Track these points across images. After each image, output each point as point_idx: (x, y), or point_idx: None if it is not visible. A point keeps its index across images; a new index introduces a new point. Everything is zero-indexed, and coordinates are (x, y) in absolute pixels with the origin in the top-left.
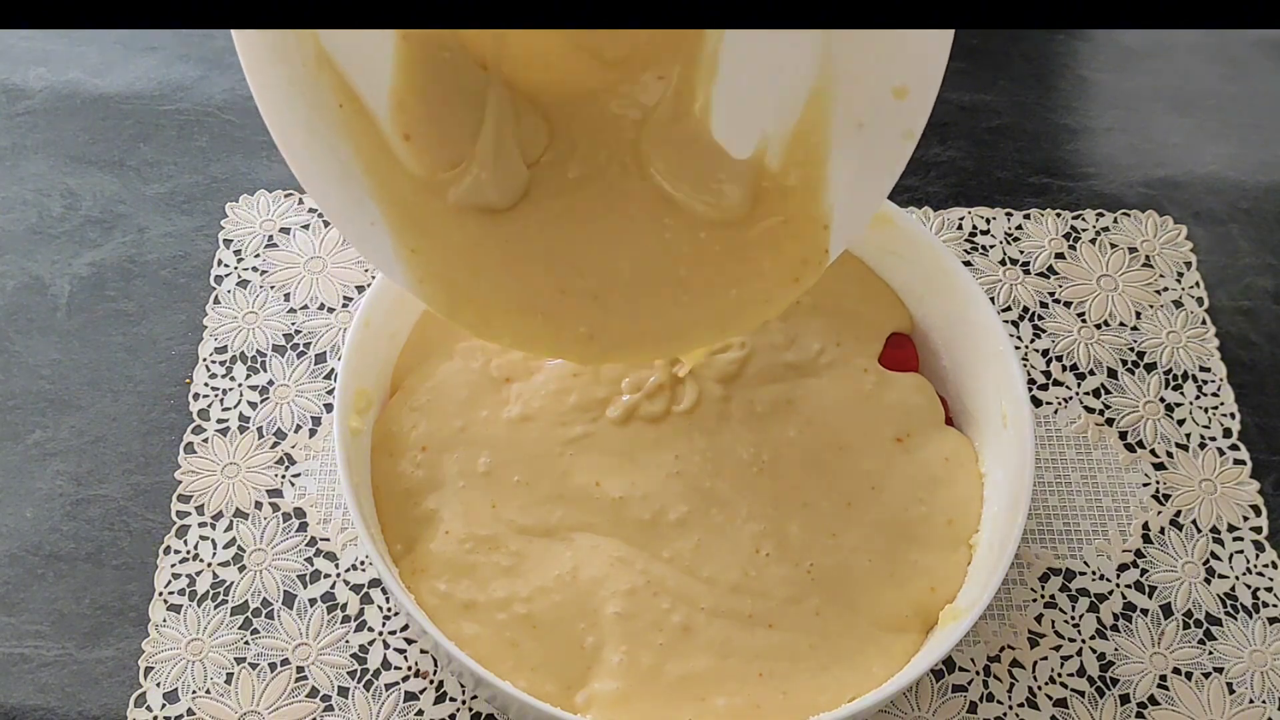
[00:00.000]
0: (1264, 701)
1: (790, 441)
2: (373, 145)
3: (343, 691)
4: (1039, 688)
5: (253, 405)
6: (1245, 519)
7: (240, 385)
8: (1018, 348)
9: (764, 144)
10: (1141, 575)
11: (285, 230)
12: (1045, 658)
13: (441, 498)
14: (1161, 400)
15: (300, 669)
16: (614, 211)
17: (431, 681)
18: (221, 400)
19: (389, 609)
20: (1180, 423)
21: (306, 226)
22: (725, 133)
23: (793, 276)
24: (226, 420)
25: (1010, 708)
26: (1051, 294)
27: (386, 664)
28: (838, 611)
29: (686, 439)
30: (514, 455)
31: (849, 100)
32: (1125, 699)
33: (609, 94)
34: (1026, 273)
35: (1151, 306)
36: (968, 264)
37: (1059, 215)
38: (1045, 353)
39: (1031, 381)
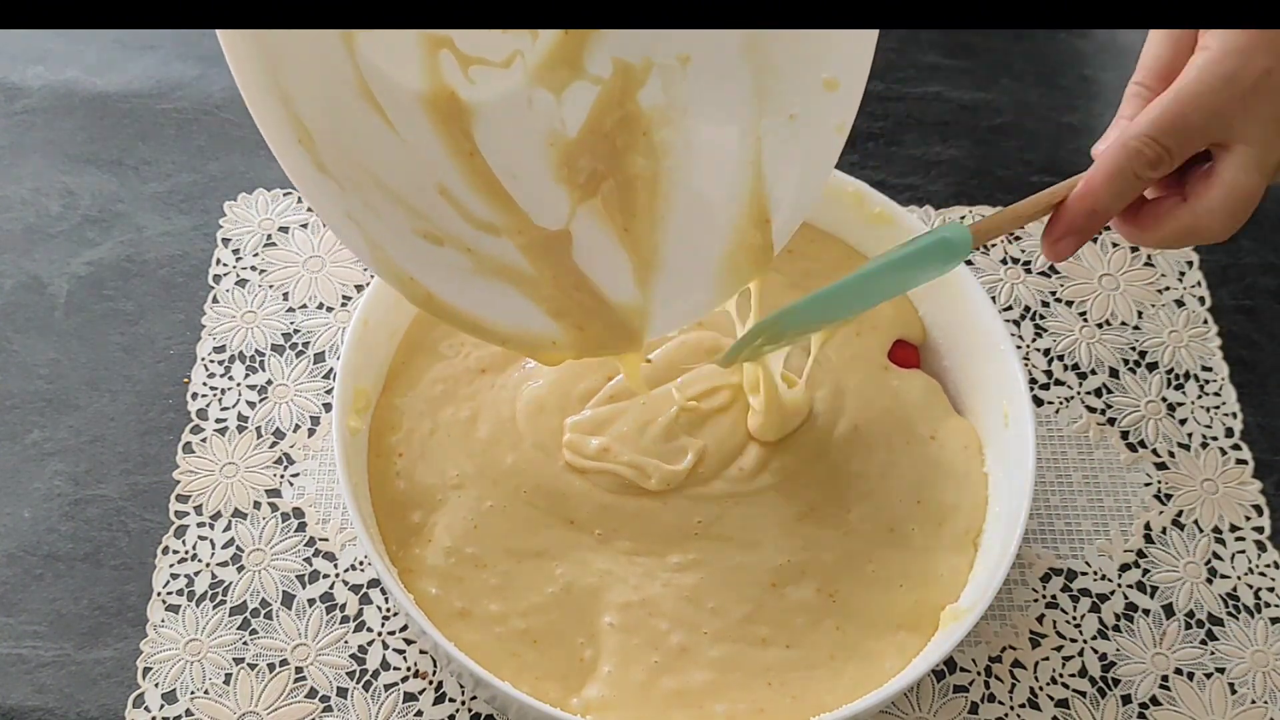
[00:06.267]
0: (1266, 702)
1: (826, 464)
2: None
3: (341, 692)
4: (1040, 688)
5: (251, 405)
6: (1247, 519)
7: (239, 385)
8: (1019, 347)
9: None
10: (1143, 575)
11: (284, 229)
12: (1047, 658)
13: (424, 510)
14: (1163, 400)
15: (299, 669)
16: None
17: (431, 682)
18: (220, 400)
19: (388, 609)
20: (1182, 422)
21: (305, 225)
22: None
23: (744, 277)
24: (225, 420)
25: (1012, 708)
26: (1053, 293)
27: (385, 664)
28: (857, 625)
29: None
30: (483, 471)
31: (779, 91)
32: (1127, 699)
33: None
34: (1028, 272)
35: (1153, 306)
36: (969, 263)
37: None
38: (1047, 352)
39: (1033, 381)
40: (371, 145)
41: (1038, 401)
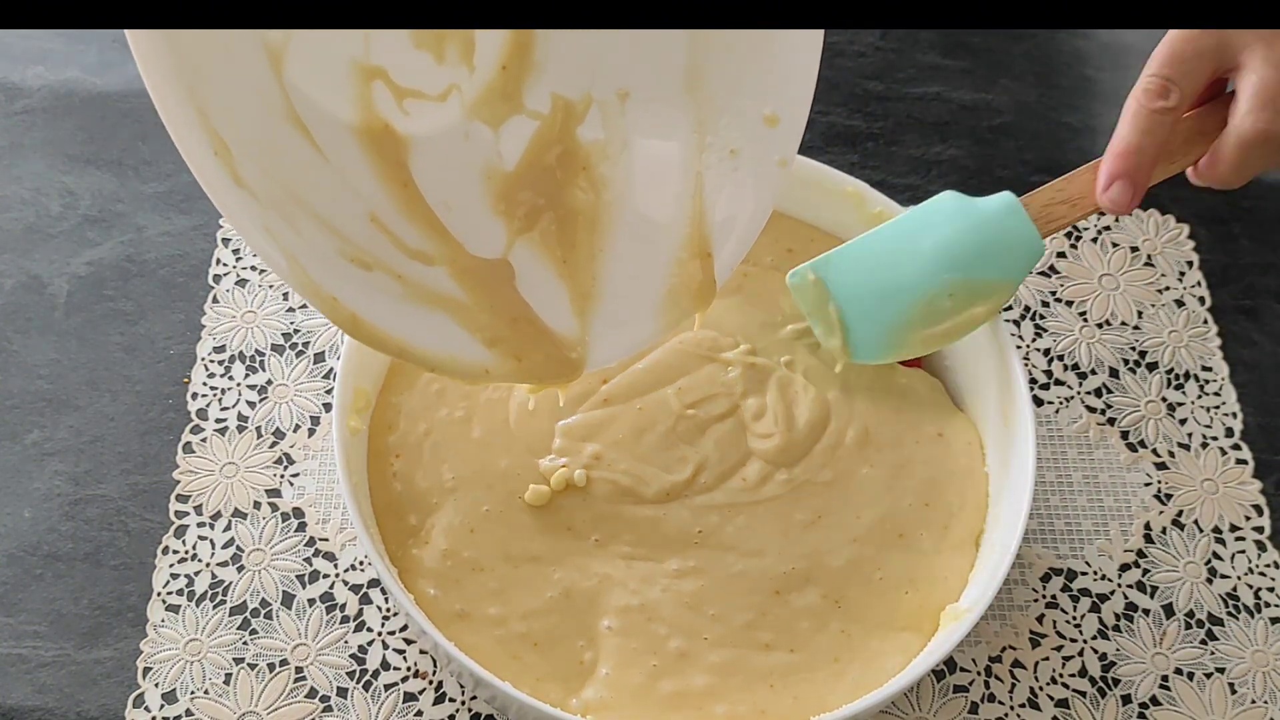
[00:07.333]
0: (1265, 701)
1: (836, 470)
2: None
3: (342, 692)
4: (1040, 688)
5: (251, 405)
6: (1247, 519)
7: (239, 385)
8: (1019, 347)
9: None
10: (1143, 575)
11: None
12: (1047, 658)
13: (420, 513)
14: (1163, 400)
15: (299, 669)
16: None
17: (431, 682)
18: (220, 400)
19: (388, 609)
20: (1182, 422)
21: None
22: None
23: (686, 311)
24: (225, 420)
25: (1012, 708)
26: (1053, 293)
27: (385, 664)
28: (862, 628)
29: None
30: (478, 474)
31: (719, 126)
32: (1127, 699)
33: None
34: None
35: (1153, 305)
36: None
37: None
38: (1047, 352)
39: (1033, 381)
40: (298, 169)
41: (1038, 401)
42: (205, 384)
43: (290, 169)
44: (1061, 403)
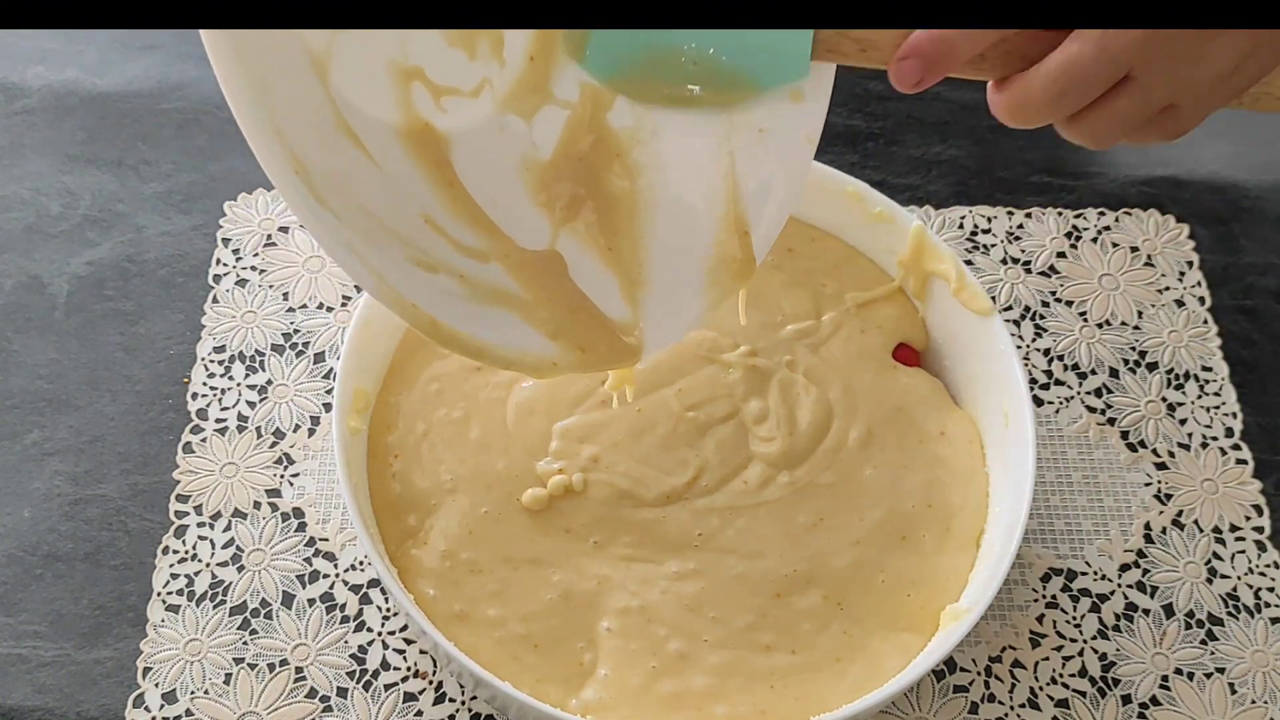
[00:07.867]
0: (1265, 702)
1: (838, 472)
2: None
3: (342, 692)
4: (1040, 688)
5: (251, 405)
6: (1247, 519)
7: (239, 385)
8: (1019, 347)
9: None
10: (1143, 575)
11: (284, 229)
12: (1047, 658)
13: (419, 514)
14: (1163, 400)
15: (299, 669)
16: None
17: (431, 682)
18: (220, 400)
19: (388, 609)
20: (1182, 422)
21: (305, 225)
22: None
23: (729, 290)
24: (225, 420)
25: (1011, 708)
26: (1053, 293)
27: (385, 664)
28: (864, 629)
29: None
30: (476, 475)
31: (746, 107)
32: (1127, 699)
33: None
34: (1028, 271)
35: (1153, 306)
36: (969, 263)
37: (1060, 214)
38: (1047, 352)
39: (1033, 381)
40: (356, 177)
41: (1038, 401)
42: (205, 384)
43: (350, 179)
44: (1061, 403)
